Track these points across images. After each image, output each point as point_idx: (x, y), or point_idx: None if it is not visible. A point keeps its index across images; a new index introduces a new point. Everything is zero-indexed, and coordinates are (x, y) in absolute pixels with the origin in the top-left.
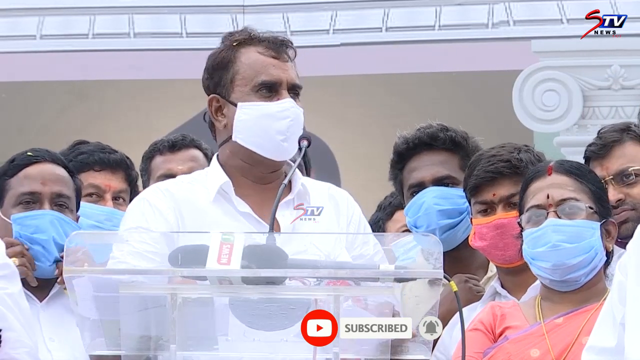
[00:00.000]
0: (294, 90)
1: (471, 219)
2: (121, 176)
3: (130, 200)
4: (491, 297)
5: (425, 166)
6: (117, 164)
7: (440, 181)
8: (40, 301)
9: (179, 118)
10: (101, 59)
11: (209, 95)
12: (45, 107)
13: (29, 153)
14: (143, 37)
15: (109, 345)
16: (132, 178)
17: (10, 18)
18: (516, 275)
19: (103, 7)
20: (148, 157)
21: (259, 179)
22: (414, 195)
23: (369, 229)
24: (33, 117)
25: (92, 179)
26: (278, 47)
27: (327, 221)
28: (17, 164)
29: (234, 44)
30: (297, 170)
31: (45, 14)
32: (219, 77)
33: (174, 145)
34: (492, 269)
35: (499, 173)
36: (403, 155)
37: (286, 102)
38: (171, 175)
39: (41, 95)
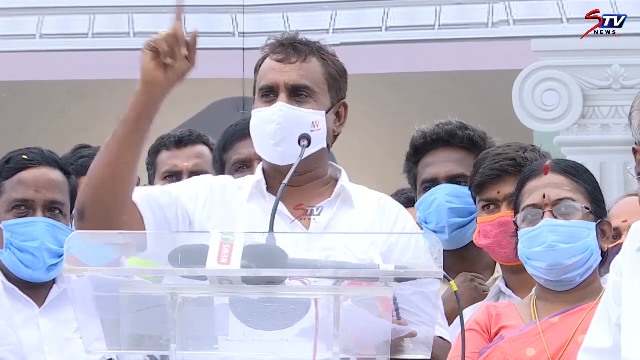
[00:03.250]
0: (297, 92)
1: (476, 217)
2: None
3: None
4: (496, 296)
5: (441, 163)
6: None
7: (454, 179)
8: (39, 306)
9: (179, 118)
10: (101, 58)
11: None
12: (45, 106)
13: (24, 156)
14: (143, 36)
15: (109, 345)
16: None
17: (9, 17)
18: (520, 274)
19: (103, 6)
20: (154, 152)
21: (288, 182)
22: (426, 191)
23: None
24: (33, 117)
25: None
26: (285, 48)
27: (365, 225)
28: (12, 167)
29: (265, 52)
30: (342, 171)
31: (44, 13)
32: (254, 86)
33: (180, 141)
34: (499, 269)
35: (503, 171)
36: (419, 150)
37: (275, 106)
38: (176, 172)
39: (41, 95)
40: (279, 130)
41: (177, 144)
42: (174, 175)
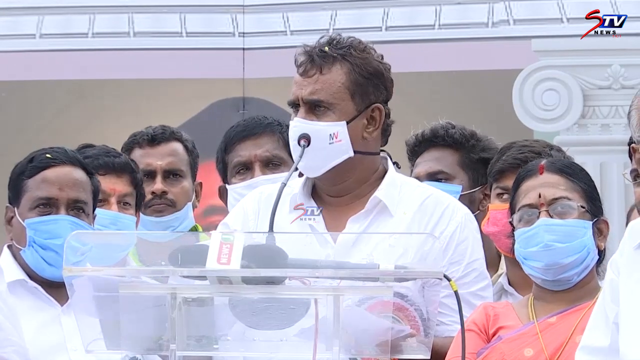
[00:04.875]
0: (314, 105)
1: (488, 205)
2: (126, 180)
3: (136, 203)
4: (497, 293)
5: (424, 162)
6: (122, 167)
7: (433, 176)
8: (61, 305)
9: (179, 118)
10: (101, 58)
11: None
12: (44, 106)
13: (47, 155)
14: (143, 36)
15: (108, 345)
16: (137, 181)
17: (9, 17)
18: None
19: (103, 6)
20: (127, 149)
21: (329, 192)
22: None
23: (469, 246)
24: (32, 117)
25: None
26: (305, 61)
27: (399, 228)
28: (35, 166)
29: None
30: (386, 177)
31: (44, 12)
32: None
33: (153, 139)
34: (502, 266)
35: (527, 162)
36: (414, 152)
37: (292, 123)
38: (150, 171)
39: (41, 95)
40: (297, 146)
41: (150, 141)
42: (148, 175)
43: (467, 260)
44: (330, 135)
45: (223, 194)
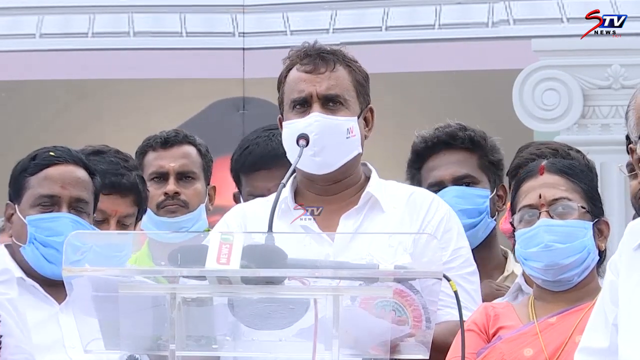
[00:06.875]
0: (330, 101)
1: (508, 204)
2: (130, 200)
3: (137, 221)
4: (514, 293)
5: (445, 165)
6: (128, 189)
7: (460, 180)
8: (59, 303)
9: (179, 118)
10: (101, 58)
11: None
12: (44, 106)
13: (51, 153)
14: (143, 36)
15: (107, 345)
16: (141, 199)
17: (9, 17)
18: None
19: (102, 5)
20: (141, 153)
21: (322, 191)
22: None
23: (454, 235)
24: (32, 116)
25: (99, 202)
26: (313, 59)
27: (393, 228)
28: (39, 163)
29: (287, 62)
30: (373, 173)
31: (44, 12)
32: (279, 97)
33: (166, 142)
34: (508, 268)
35: (544, 157)
36: (421, 155)
37: (310, 117)
38: (163, 173)
39: (41, 95)
40: (317, 140)
41: (163, 144)
42: (161, 176)
43: (454, 247)
44: (348, 129)
45: (238, 199)
